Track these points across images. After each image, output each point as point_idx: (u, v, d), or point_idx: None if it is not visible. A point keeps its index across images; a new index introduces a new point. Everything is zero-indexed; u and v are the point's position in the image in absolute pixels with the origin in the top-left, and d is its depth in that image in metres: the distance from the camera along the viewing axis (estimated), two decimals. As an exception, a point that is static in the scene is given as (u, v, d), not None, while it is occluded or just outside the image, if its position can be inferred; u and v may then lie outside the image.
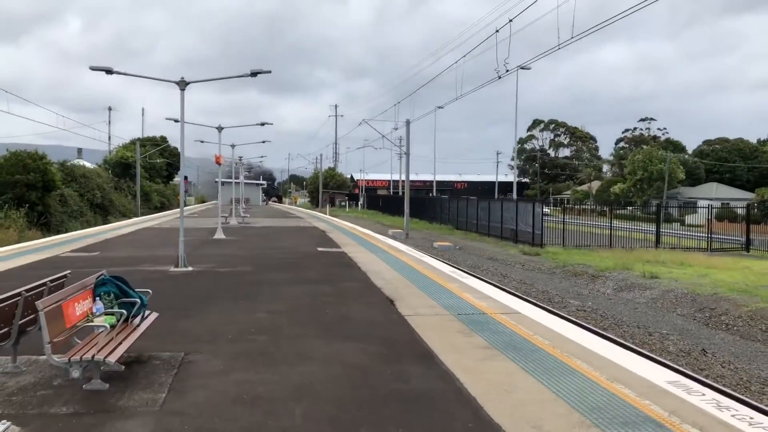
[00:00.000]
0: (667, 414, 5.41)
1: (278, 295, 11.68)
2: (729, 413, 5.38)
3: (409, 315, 9.75)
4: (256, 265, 16.17)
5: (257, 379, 6.53)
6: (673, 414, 5.40)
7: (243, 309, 10.26)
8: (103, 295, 6.86)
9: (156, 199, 71.31)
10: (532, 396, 5.95)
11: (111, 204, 54.78)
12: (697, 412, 5.46)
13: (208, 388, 6.21)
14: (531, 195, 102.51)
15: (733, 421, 5.22)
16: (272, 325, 9.05)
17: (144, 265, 15.91)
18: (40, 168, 38.47)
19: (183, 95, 15.15)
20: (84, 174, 52.12)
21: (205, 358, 7.31)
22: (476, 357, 7.35)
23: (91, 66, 14.75)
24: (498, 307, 10.47)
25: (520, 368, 6.86)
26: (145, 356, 7.23)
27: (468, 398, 5.91)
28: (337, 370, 6.85)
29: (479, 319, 9.51)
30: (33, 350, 7.11)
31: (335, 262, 17.22)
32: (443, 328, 8.84)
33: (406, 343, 8.02)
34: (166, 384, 6.31)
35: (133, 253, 19.15)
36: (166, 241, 23.22)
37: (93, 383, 6.07)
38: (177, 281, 13.27)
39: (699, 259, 27.64)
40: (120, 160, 66.96)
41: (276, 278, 13.84)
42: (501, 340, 8.11)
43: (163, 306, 9.20)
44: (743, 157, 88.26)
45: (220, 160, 24.98)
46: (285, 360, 7.23)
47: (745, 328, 15.46)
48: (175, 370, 6.80)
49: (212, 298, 11.25)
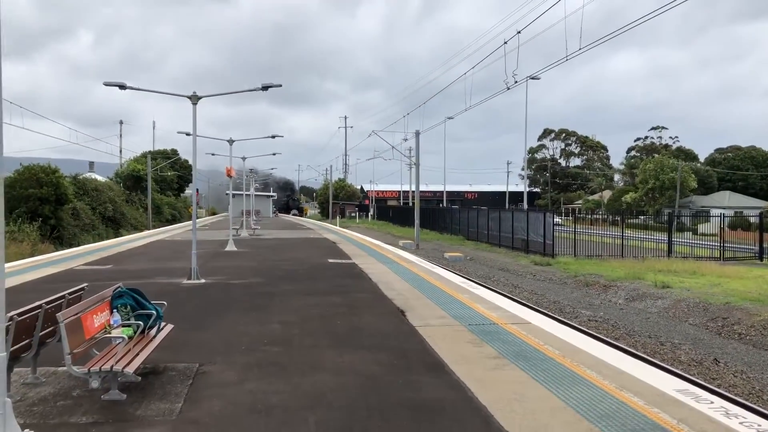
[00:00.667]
0: (676, 422, 5.47)
1: (290, 306, 11.80)
2: (737, 421, 5.43)
3: (419, 325, 9.83)
4: (267, 277, 16.31)
5: (271, 389, 6.64)
6: (681, 422, 5.46)
7: (255, 320, 10.39)
8: (120, 307, 7.01)
9: (167, 212, 71.80)
10: (541, 405, 6.02)
11: (123, 217, 55.21)
12: (706, 419, 5.51)
13: (223, 398, 6.32)
14: (542, 205, 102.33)
15: (741, 428, 5.27)
16: (284, 336, 9.17)
17: (157, 277, 16.09)
18: (52, 182, 38.90)
19: (195, 109, 15.37)
20: (96, 187, 52.60)
21: (220, 368, 7.43)
22: (487, 366, 7.43)
23: (104, 82, 15.01)
24: (508, 317, 10.54)
25: (530, 377, 6.93)
26: (160, 367, 7.37)
27: (478, 407, 5.99)
28: (348, 379, 6.95)
29: (490, 329, 9.58)
30: (51, 362, 7.28)
31: (346, 273, 17.33)
32: (454, 339, 8.92)
33: (417, 353, 8.11)
34: (182, 394, 6.43)
35: (146, 266, 19.35)
36: (178, 254, 23.43)
37: (111, 393, 6.20)
38: (190, 293, 13.42)
39: (711, 268, 27.53)
40: (131, 173, 67.53)
41: (287, 289, 13.96)
42: (511, 350, 8.18)
43: (177, 318, 9.34)
44: (756, 165, 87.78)
45: (232, 172, 25.22)
46: (298, 370, 7.34)
47: (758, 338, 15.41)
48: (190, 380, 6.92)
49: (225, 310, 11.38)
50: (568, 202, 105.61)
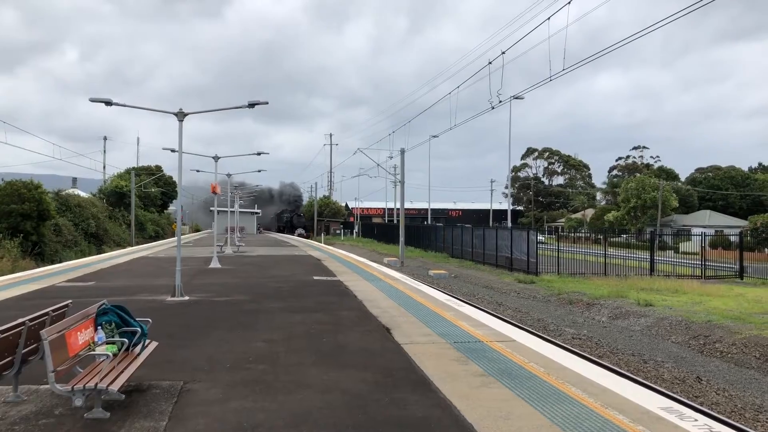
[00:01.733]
0: (661, 439, 5.51)
1: (274, 323, 11.74)
2: (721, 438, 5.49)
3: (405, 343, 9.83)
4: (252, 294, 16.23)
5: (256, 407, 6.60)
6: (666, 439, 5.50)
7: (240, 338, 10.33)
8: (105, 324, 6.95)
9: (150, 229, 71.27)
10: (527, 422, 6.04)
11: (105, 233, 54.73)
12: (690, 437, 5.56)
13: (208, 416, 6.28)
14: (525, 223, 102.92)
15: (724, 445, 5.32)
16: (269, 354, 9.12)
17: (140, 294, 15.96)
18: (35, 197, 38.53)
19: (181, 126, 15.36)
20: (79, 203, 52.15)
21: (204, 386, 7.38)
22: (472, 384, 7.44)
23: (90, 98, 14.97)
24: (493, 334, 10.57)
25: (516, 395, 6.95)
26: (144, 385, 7.30)
27: (465, 425, 6.00)
28: (334, 397, 6.93)
29: (475, 347, 9.60)
30: (33, 380, 7.20)
31: (331, 290, 17.29)
32: (439, 356, 8.93)
33: (403, 371, 8.11)
34: (167, 412, 6.37)
35: (129, 283, 19.19)
36: (162, 271, 23.27)
37: (94, 412, 6.13)
38: (174, 311, 13.32)
39: (693, 286, 27.79)
40: (115, 189, 67.05)
41: (272, 307, 13.91)
42: (496, 368, 8.21)
43: (162, 335, 9.27)
44: (735, 185, 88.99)
45: (217, 189, 25.14)
46: (283, 388, 7.31)
47: (740, 356, 15.55)
48: (174, 398, 6.87)
49: (209, 327, 11.31)
50: (551, 221, 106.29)
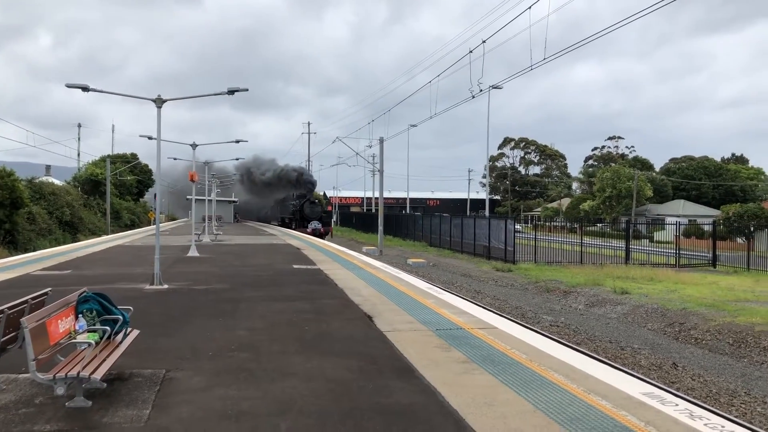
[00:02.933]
0: (643, 424, 5.58)
1: (256, 312, 11.68)
2: (702, 422, 5.58)
3: (387, 331, 9.84)
4: (232, 283, 16.12)
5: (240, 395, 6.56)
6: (648, 424, 5.58)
7: (222, 326, 10.25)
8: (86, 312, 6.86)
9: (126, 217, 70.40)
10: (512, 408, 6.09)
11: (80, 222, 53.95)
12: (672, 422, 5.64)
13: (192, 404, 6.23)
14: (502, 212, 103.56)
15: (705, 429, 5.41)
16: (252, 342, 9.07)
17: (118, 283, 15.77)
18: (7, 185, 37.84)
19: (159, 113, 15.15)
20: (53, 191, 51.33)
21: (187, 374, 7.32)
22: (456, 371, 7.47)
23: (67, 84, 14.68)
24: (474, 322, 10.63)
25: (499, 381, 7.00)
26: (126, 373, 7.22)
27: (450, 411, 6.02)
28: (319, 385, 6.92)
29: (457, 334, 9.64)
30: (12, 369, 7.08)
31: (311, 279, 17.25)
32: (422, 343, 8.95)
33: (387, 359, 8.12)
34: (150, 400, 6.31)
35: (106, 271, 18.95)
36: (139, 259, 23.01)
37: (76, 401, 6.05)
38: (153, 299, 13.19)
39: (668, 274, 28.21)
40: (90, 177, 66.04)
41: (253, 295, 13.83)
42: (479, 355, 8.25)
43: (142, 324, 9.15)
44: (708, 175, 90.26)
45: (195, 177, 24.85)
46: (267, 376, 7.27)
47: (714, 342, 15.84)
48: (157, 386, 6.80)
49: (190, 316, 11.21)
50: (527, 210, 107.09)
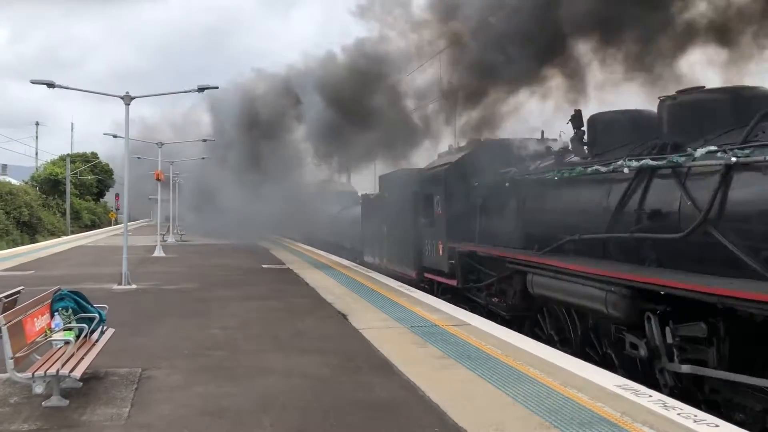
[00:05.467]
0: (620, 414, 5.73)
1: (228, 311, 11.61)
2: (675, 412, 5.75)
3: (363, 328, 9.87)
4: (201, 283, 15.97)
5: (220, 392, 6.53)
6: (624, 414, 5.72)
7: (195, 325, 10.18)
8: (61, 311, 6.75)
9: (86, 217, 68.99)
10: (492, 401, 6.19)
11: (39, 222, 52.72)
12: (647, 412, 5.80)
13: (172, 402, 6.19)
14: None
15: (679, 419, 5.57)
16: (227, 341, 9.04)
17: (85, 283, 15.44)
18: (-38, 184, 36.87)
19: (128, 110, 14.94)
20: (10, 191, 50.06)
21: (164, 373, 7.26)
22: (434, 366, 7.56)
23: (32, 80, 14.38)
24: (448, 319, 10.72)
25: (478, 376, 7.10)
26: (101, 372, 7.12)
27: (431, 405, 6.10)
28: (298, 382, 6.93)
29: (432, 330, 9.72)
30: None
31: (282, 278, 17.19)
32: (398, 340, 9.01)
33: (364, 355, 8.16)
34: (128, 399, 6.25)
35: (70, 272, 18.60)
36: (104, 260, 22.64)
37: (52, 400, 5.96)
38: (123, 299, 12.98)
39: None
40: (48, 176, 64.59)
41: (223, 295, 13.73)
42: (456, 351, 8.34)
43: (114, 323, 8.98)
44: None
45: (161, 176, 24.57)
46: (246, 374, 7.26)
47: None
48: (135, 385, 6.73)
49: (162, 315, 11.10)
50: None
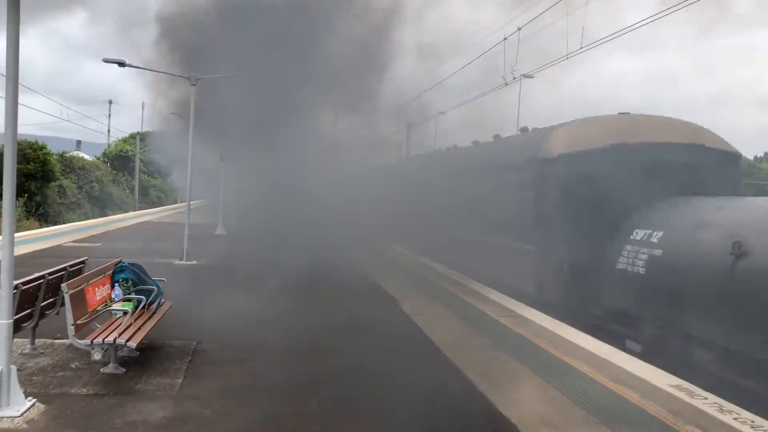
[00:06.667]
0: (671, 415, 5.57)
1: (283, 291, 11.75)
2: (731, 416, 5.54)
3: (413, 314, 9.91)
4: (258, 264, 16.22)
5: (270, 369, 6.67)
6: (677, 415, 5.57)
7: (251, 302, 10.34)
8: (122, 282, 7.01)
9: (153, 194, 71.28)
10: (538, 393, 6.13)
11: (109, 197, 54.68)
12: (700, 414, 5.61)
13: (223, 375, 6.36)
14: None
15: (735, 423, 5.38)
16: (278, 320, 9.18)
17: (148, 257, 15.84)
18: (39, 158, 38.49)
19: (194, 91, 15.30)
20: (83, 166, 52.05)
21: (217, 347, 7.44)
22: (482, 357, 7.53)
23: (104, 59, 14.89)
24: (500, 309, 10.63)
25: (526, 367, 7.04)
26: (158, 343, 7.35)
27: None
28: (346, 361, 7.00)
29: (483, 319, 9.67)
30: (49, 334, 7.26)
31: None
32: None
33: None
34: (182, 370, 6.45)
35: (135, 246, 19.19)
36: (167, 235, 23.22)
37: (110, 367, 6.21)
38: (182, 273, 13.38)
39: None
40: (119, 153, 66.94)
41: (277, 280, 13.90)
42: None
43: (172, 297, 9.27)
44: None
45: (222, 155, 25.00)
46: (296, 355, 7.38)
47: None
48: (189, 357, 6.93)
49: (219, 292, 11.31)
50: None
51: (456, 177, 17.12)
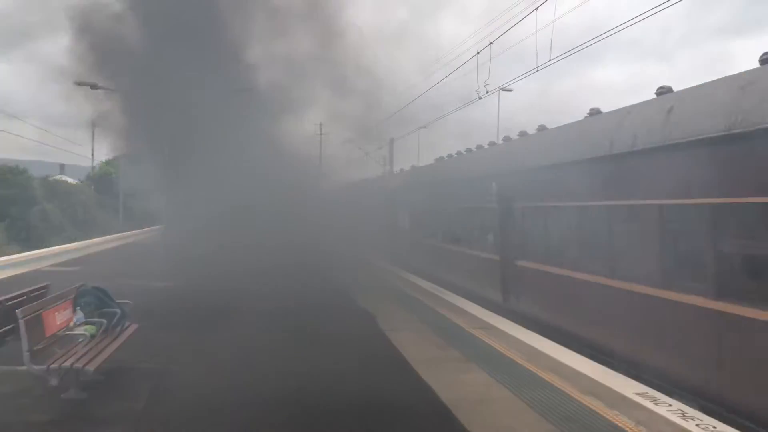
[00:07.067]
0: (635, 424, 5.56)
1: (261, 316, 11.67)
2: (694, 423, 5.54)
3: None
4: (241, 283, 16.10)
5: (235, 389, 6.59)
6: (640, 424, 5.56)
7: (222, 327, 10.21)
8: (84, 305, 6.93)
9: (138, 216, 70.79)
10: (505, 406, 6.10)
11: (93, 220, 54.36)
12: (664, 422, 5.61)
13: (187, 399, 6.27)
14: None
15: (697, 430, 5.37)
16: (249, 343, 9.09)
17: (127, 278, 15.77)
18: (20, 183, 38.31)
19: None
20: (66, 190, 51.85)
21: (184, 369, 7.35)
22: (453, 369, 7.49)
23: (75, 81, 14.85)
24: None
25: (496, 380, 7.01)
26: (124, 366, 7.26)
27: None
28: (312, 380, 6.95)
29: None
30: (12, 361, 7.13)
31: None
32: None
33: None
34: (145, 393, 6.36)
35: (116, 267, 18.99)
36: (150, 257, 23.10)
37: (71, 392, 6.12)
38: (159, 296, 13.24)
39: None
40: (104, 176, 66.55)
41: (259, 305, 13.83)
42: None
43: (144, 318, 9.20)
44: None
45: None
46: (269, 375, 7.31)
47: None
48: (154, 380, 6.85)
49: (192, 315, 11.16)
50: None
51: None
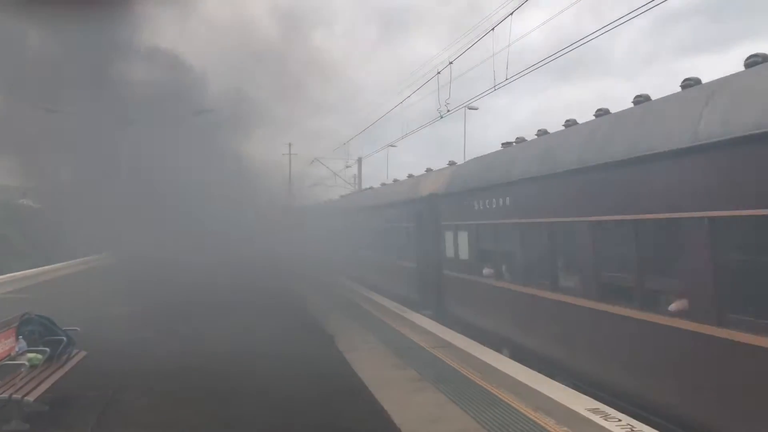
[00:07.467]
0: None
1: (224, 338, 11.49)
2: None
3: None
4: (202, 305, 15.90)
5: (185, 417, 6.49)
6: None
7: (180, 346, 10.08)
8: (28, 334, 6.78)
9: (106, 239, 69.80)
10: (456, 426, 6.08)
11: (59, 244, 53.32)
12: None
13: (134, 426, 6.16)
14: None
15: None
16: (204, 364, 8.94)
17: (83, 304, 15.42)
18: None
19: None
20: (30, 214, 50.80)
21: (133, 397, 7.20)
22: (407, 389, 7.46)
23: (40, 105, 14.62)
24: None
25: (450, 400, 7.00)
26: (71, 395, 7.09)
27: (392, 429, 6.00)
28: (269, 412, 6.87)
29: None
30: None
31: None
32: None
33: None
34: (91, 423, 6.22)
35: (74, 292, 18.53)
36: (109, 282, 22.65)
37: (12, 424, 5.95)
38: (115, 321, 12.96)
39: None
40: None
41: (223, 322, 13.66)
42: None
43: (96, 345, 8.98)
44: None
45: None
46: (216, 401, 7.21)
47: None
48: (101, 408, 6.70)
49: (149, 339, 10.94)
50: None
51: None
